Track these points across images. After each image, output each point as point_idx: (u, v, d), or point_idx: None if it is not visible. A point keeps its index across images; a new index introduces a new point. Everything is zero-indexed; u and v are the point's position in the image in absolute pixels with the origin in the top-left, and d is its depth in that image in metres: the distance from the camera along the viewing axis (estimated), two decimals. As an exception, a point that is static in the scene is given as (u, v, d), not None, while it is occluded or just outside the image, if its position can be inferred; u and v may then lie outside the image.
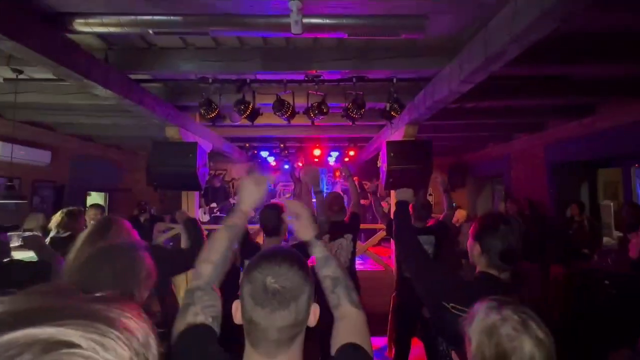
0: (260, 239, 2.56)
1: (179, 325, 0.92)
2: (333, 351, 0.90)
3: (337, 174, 8.58)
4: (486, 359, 0.90)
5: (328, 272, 1.08)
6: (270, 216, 2.21)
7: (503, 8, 1.95)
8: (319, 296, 0.99)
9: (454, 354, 1.07)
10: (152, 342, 0.42)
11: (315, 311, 0.86)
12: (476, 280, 1.41)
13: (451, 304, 1.32)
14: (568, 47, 2.63)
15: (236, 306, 0.85)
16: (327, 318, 0.98)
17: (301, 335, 0.84)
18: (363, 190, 6.73)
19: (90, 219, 3.46)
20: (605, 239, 4.67)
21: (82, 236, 1.49)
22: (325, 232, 2.70)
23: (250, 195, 1.21)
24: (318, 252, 1.12)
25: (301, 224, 1.16)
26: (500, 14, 1.99)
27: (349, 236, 3.00)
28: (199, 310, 0.94)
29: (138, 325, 0.40)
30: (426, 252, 1.71)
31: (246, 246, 2.29)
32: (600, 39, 2.60)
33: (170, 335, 0.93)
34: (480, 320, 0.94)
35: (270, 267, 0.80)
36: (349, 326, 0.97)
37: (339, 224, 2.99)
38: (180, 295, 1.59)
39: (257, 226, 2.43)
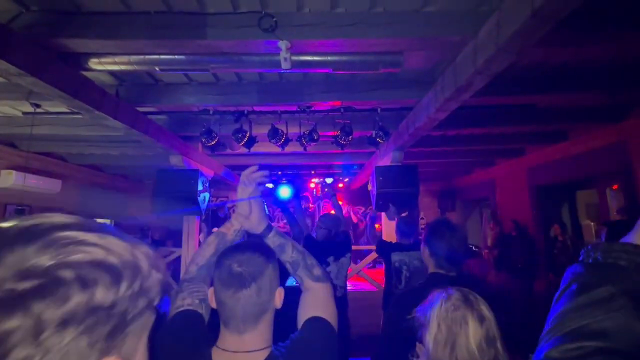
0: None
1: (170, 311, 1.00)
2: (299, 324, 0.99)
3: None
4: (438, 340, 0.97)
5: (286, 257, 1.13)
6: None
7: (466, 45, 2.19)
8: None
9: (418, 346, 1.14)
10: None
11: (280, 294, 0.95)
12: (427, 281, 1.53)
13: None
14: (531, 78, 2.86)
15: (211, 292, 0.95)
16: None
17: (268, 315, 0.93)
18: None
19: None
20: (588, 258, 4.70)
21: None
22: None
23: (242, 210, 1.17)
24: (272, 241, 1.14)
25: (252, 220, 1.16)
26: (465, 49, 2.21)
27: (349, 255, 3.22)
28: (186, 295, 1.04)
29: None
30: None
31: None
32: (561, 71, 2.83)
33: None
34: (431, 305, 1.03)
35: (236, 255, 0.93)
36: (313, 298, 1.07)
37: (339, 242, 3.20)
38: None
39: None
